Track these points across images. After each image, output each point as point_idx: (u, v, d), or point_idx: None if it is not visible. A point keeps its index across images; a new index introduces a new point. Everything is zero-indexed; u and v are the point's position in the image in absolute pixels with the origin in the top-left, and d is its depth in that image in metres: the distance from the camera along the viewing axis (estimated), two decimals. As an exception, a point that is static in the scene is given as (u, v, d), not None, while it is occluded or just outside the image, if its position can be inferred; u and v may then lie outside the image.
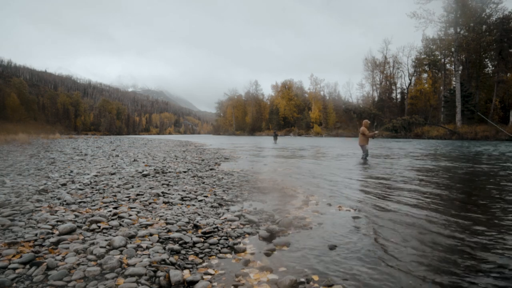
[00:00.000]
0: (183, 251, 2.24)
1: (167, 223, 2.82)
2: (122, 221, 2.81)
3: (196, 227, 2.76)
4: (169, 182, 5.17)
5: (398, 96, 49.97)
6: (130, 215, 3.04)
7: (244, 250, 2.31)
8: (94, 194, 4.03)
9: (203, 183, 5.21)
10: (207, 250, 2.30)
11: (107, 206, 3.41)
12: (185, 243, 2.39)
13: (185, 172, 6.49)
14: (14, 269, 1.85)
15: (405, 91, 47.25)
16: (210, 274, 1.92)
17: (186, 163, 8.35)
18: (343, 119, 54.04)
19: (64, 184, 4.68)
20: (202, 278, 1.86)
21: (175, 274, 1.82)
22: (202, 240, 2.48)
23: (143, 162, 8.21)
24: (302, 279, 1.85)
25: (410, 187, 4.88)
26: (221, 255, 2.24)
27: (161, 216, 3.06)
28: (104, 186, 4.57)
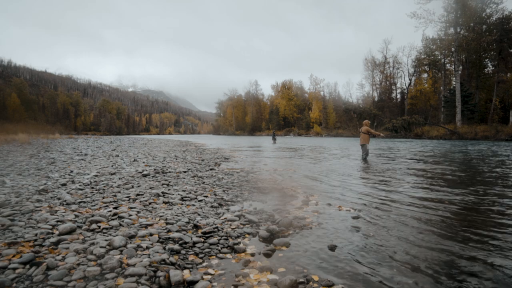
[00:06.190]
0: (183, 251, 2.24)
1: (167, 223, 2.82)
2: (122, 221, 2.81)
3: (196, 227, 2.76)
4: (169, 182, 5.17)
5: (398, 96, 50.03)
6: (130, 215, 3.04)
7: (244, 250, 2.31)
8: (94, 194, 4.03)
9: (203, 183, 5.21)
10: (207, 250, 2.30)
11: (107, 206, 3.41)
12: (185, 243, 2.39)
13: (185, 172, 6.49)
14: (14, 269, 1.84)
15: (405, 91, 47.26)
16: (210, 274, 1.92)
17: (186, 163, 8.34)
18: (343, 119, 54.06)
19: (64, 184, 4.68)
20: (202, 278, 1.86)
21: (175, 274, 1.82)
22: (202, 240, 2.48)
23: (143, 162, 8.21)
24: (302, 279, 1.85)
25: (410, 187, 4.88)
26: (221, 255, 2.24)
27: (161, 216, 3.06)
28: (104, 186, 4.57)
